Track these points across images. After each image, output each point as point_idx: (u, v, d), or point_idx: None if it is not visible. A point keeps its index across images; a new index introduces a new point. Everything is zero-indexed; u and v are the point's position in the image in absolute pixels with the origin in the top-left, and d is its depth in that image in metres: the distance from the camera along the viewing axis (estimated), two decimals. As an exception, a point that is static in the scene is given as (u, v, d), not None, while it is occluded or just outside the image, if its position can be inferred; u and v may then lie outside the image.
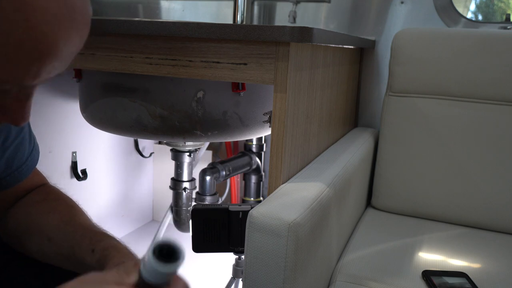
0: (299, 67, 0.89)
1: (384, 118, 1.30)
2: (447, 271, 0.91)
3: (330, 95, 1.16)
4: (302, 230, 0.72)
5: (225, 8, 1.71)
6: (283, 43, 0.83)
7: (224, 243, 0.88)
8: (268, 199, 0.79)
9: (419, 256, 1.00)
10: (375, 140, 1.37)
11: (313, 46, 0.95)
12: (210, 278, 1.67)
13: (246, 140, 1.54)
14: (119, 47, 0.96)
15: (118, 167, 1.77)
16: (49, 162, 1.44)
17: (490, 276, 0.93)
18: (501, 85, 1.18)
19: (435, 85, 1.23)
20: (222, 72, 0.89)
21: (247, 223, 0.74)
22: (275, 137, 0.86)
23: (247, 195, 1.62)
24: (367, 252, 1.00)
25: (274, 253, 0.72)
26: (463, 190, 1.20)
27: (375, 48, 1.50)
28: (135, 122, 1.11)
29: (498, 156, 1.17)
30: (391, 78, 1.30)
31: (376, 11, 1.50)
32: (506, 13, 1.53)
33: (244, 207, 0.86)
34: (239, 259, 1.24)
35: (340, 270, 0.93)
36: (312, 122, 1.03)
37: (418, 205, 1.24)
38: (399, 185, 1.26)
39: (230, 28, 0.85)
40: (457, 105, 1.21)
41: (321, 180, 0.89)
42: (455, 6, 1.44)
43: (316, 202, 0.80)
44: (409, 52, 1.26)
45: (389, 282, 0.88)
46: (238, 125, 1.13)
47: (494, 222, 1.17)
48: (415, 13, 1.45)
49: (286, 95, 0.84)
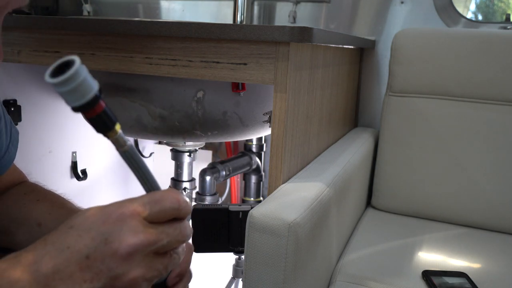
0: (299, 67, 0.89)
1: (384, 118, 1.30)
2: (447, 271, 0.91)
3: (330, 95, 1.16)
4: (302, 230, 0.72)
5: (225, 8, 1.71)
6: (283, 43, 0.83)
7: (224, 243, 0.88)
8: (268, 199, 0.79)
9: (419, 256, 1.00)
10: (375, 140, 1.37)
11: (313, 46, 0.95)
12: (210, 278, 1.67)
13: (246, 140, 1.54)
14: (119, 47, 0.96)
15: (118, 167, 1.77)
16: (49, 162, 1.44)
17: (490, 276, 0.93)
18: (501, 85, 1.18)
19: (435, 85, 1.23)
20: (222, 72, 0.89)
21: (247, 223, 0.74)
22: (275, 137, 0.86)
23: (247, 195, 1.62)
24: (367, 252, 1.00)
25: (274, 253, 0.72)
26: (463, 190, 1.20)
27: (375, 48, 1.50)
28: (135, 122, 1.11)
29: (498, 156, 1.17)
30: (391, 78, 1.30)
31: (376, 11, 1.50)
32: (506, 13, 1.53)
33: (244, 207, 0.85)
34: (239, 259, 1.24)
35: (340, 270, 0.93)
36: (312, 122, 1.03)
37: (418, 205, 1.24)
38: (399, 185, 1.26)
39: (230, 28, 0.84)
40: (457, 105, 1.21)
41: (321, 180, 0.89)
42: (455, 6, 1.44)
43: (316, 202, 0.80)
44: (409, 52, 1.26)
45: (389, 282, 0.88)
46: (238, 125, 1.13)
47: (494, 222, 1.17)
48: (415, 13, 1.45)
49: (286, 95, 0.84)
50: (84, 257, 0.37)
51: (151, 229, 0.39)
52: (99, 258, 0.37)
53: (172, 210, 0.41)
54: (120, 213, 0.38)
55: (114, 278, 0.37)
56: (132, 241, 0.37)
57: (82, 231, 0.38)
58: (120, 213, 0.38)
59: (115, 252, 0.37)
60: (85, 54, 0.99)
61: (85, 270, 0.36)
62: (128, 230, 0.37)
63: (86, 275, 0.36)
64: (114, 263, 0.37)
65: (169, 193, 0.41)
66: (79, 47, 0.99)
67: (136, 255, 0.38)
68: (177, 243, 0.41)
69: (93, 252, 0.37)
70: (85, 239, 0.37)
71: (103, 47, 0.98)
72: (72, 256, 0.37)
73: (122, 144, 0.41)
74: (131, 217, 0.38)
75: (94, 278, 0.37)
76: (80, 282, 0.36)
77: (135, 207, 0.39)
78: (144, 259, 0.38)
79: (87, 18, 1.65)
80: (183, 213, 0.42)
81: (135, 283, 0.38)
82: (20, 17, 1.04)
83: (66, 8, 1.91)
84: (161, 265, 0.40)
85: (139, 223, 0.38)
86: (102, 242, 0.37)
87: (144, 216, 0.39)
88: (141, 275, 0.38)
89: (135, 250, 0.37)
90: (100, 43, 0.98)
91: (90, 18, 1.52)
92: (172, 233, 0.40)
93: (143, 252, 0.38)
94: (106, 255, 0.37)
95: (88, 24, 0.97)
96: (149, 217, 0.39)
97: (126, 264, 0.37)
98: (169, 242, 0.40)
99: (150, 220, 0.39)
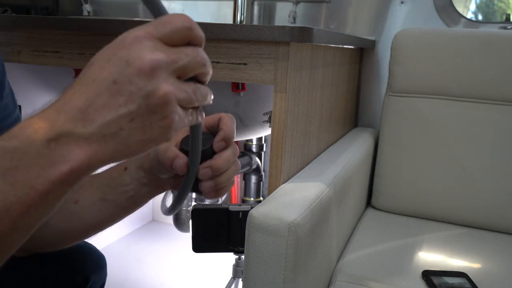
0: (299, 67, 0.89)
1: (384, 118, 1.30)
2: (447, 271, 0.91)
3: (330, 95, 1.16)
4: (302, 230, 0.72)
5: (225, 8, 1.71)
6: (283, 43, 0.83)
7: (224, 243, 0.88)
8: (268, 199, 0.79)
9: (419, 256, 1.00)
10: (375, 140, 1.37)
11: (313, 46, 0.95)
12: (210, 278, 1.67)
13: (246, 140, 1.54)
14: (119, 47, 0.96)
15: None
16: (49, 162, 1.43)
17: (490, 276, 0.93)
18: (501, 85, 1.18)
19: (435, 85, 1.23)
20: (222, 72, 0.89)
21: (247, 223, 0.74)
22: (275, 137, 0.86)
23: (247, 195, 1.62)
24: (367, 252, 1.00)
25: (274, 253, 0.72)
26: (463, 190, 1.20)
27: (375, 48, 1.50)
28: (135, 122, 1.11)
29: (498, 156, 1.17)
30: (391, 78, 1.30)
31: (376, 11, 1.50)
32: (506, 13, 1.53)
33: (244, 207, 0.85)
34: (239, 259, 1.24)
35: (340, 270, 0.93)
36: (312, 122, 1.03)
37: (418, 205, 1.24)
38: (399, 185, 1.26)
39: (230, 28, 0.85)
40: (457, 105, 1.21)
41: (321, 180, 0.89)
42: (455, 6, 1.44)
43: (316, 202, 0.80)
44: (409, 52, 1.26)
45: (389, 282, 0.88)
46: (238, 125, 1.13)
47: (494, 222, 1.17)
48: (415, 13, 1.45)
49: (286, 95, 0.84)
50: (111, 83, 0.36)
51: (169, 48, 0.38)
52: (126, 80, 0.36)
53: (185, 29, 0.39)
54: (134, 36, 0.38)
55: (146, 97, 0.36)
56: (152, 56, 0.37)
57: (103, 62, 0.38)
58: (134, 35, 0.38)
59: (139, 70, 0.36)
60: (85, 54, 0.99)
61: (116, 95, 0.36)
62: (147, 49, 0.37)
63: (119, 99, 0.36)
64: (141, 82, 0.36)
65: (179, 15, 0.40)
66: (79, 47, 0.99)
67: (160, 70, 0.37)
68: (198, 66, 0.40)
69: (119, 76, 0.36)
70: (108, 68, 0.37)
71: (103, 47, 0.98)
72: (100, 86, 0.36)
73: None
74: (145, 38, 0.37)
75: (127, 100, 0.36)
76: (116, 107, 0.36)
77: (148, 29, 0.38)
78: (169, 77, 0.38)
79: (87, 18, 1.65)
80: (196, 34, 0.40)
81: (168, 99, 0.37)
82: (20, 17, 1.04)
83: (66, 8, 1.91)
84: (189, 88, 0.39)
85: (155, 43, 0.38)
86: (124, 65, 0.36)
87: (158, 37, 0.38)
88: (171, 91, 0.37)
89: (158, 65, 0.37)
90: (100, 43, 0.98)
91: (90, 18, 1.52)
92: (191, 53, 0.39)
93: (167, 70, 0.37)
94: (132, 76, 0.36)
95: (88, 24, 0.97)
96: (163, 37, 0.38)
97: (153, 80, 0.36)
98: (190, 62, 0.39)
99: (165, 42, 0.38)
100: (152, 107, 0.37)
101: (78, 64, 1.01)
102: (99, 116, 0.36)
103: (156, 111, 0.37)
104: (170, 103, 0.37)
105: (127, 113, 0.36)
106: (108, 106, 0.36)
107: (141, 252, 1.86)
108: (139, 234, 2.00)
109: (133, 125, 0.37)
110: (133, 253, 1.85)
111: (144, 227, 2.06)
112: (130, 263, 1.77)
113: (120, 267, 1.73)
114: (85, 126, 0.36)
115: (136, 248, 1.89)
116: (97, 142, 0.36)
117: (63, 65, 1.02)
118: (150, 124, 0.37)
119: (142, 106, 0.37)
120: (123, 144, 0.37)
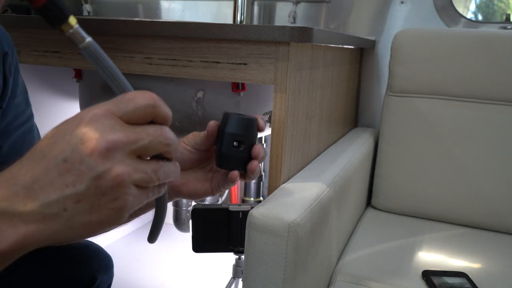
0: (299, 67, 0.89)
1: (384, 118, 1.30)
2: (447, 271, 0.91)
3: (330, 95, 1.16)
4: (302, 230, 0.72)
5: (225, 8, 1.71)
6: (283, 43, 0.83)
7: (224, 243, 0.88)
8: (268, 199, 0.79)
9: (419, 256, 1.00)
10: (375, 140, 1.37)
11: (313, 46, 0.95)
12: (210, 278, 1.67)
13: (246, 140, 1.54)
14: (119, 47, 0.96)
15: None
16: (49, 162, 1.43)
17: (490, 276, 0.93)
18: (501, 85, 1.18)
19: (435, 85, 1.23)
20: (222, 72, 0.89)
21: (247, 223, 0.74)
22: (275, 137, 0.86)
23: (247, 195, 1.62)
24: (367, 252, 1.00)
25: (274, 253, 0.72)
26: (463, 190, 1.20)
27: (375, 48, 1.50)
28: (135, 122, 1.11)
29: (498, 156, 1.17)
30: (391, 78, 1.30)
31: (376, 11, 1.50)
32: (506, 13, 1.53)
33: (244, 207, 0.85)
34: (239, 259, 1.24)
35: (340, 270, 0.93)
36: (312, 122, 1.03)
37: (418, 205, 1.24)
38: (399, 185, 1.26)
39: (230, 28, 0.84)
40: (457, 105, 1.21)
41: (321, 180, 0.89)
42: (455, 6, 1.44)
43: (316, 202, 0.80)
44: (409, 52, 1.26)
45: (389, 282, 0.88)
46: (238, 125, 1.13)
47: (494, 222, 1.17)
48: (415, 13, 1.45)
49: (286, 95, 0.84)
50: (61, 161, 0.35)
51: (129, 128, 0.37)
52: (77, 159, 0.35)
53: (148, 107, 0.38)
54: (92, 114, 0.36)
55: (97, 178, 0.35)
56: (110, 137, 0.35)
57: (57, 138, 0.36)
58: (93, 114, 0.36)
59: (93, 150, 0.35)
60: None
61: (65, 174, 0.35)
62: (104, 128, 0.35)
63: (67, 179, 0.35)
64: (93, 161, 0.35)
65: (142, 92, 0.38)
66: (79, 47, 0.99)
67: (116, 151, 0.35)
68: (161, 146, 0.38)
69: (70, 154, 0.35)
70: (61, 144, 0.36)
71: (103, 47, 0.97)
72: (49, 163, 0.35)
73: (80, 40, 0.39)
74: (105, 116, 0.36)
75: (76, 180, 0.35)
76: (62, 187, 0.35)
77: (108, 107, 0.37)
78: (126, 157, 0.36)
79: (87, 18, 1.65)
80: (161, 111, 0.39)
81: (121, 181, 0.35)
82: (20, 17, 1.04)
83: (66, 8, 1.90)
84: (148, 167, 0.38)
85: (115, 122, 0.36)
86: (78, 143, 0.35)
87: (119, 115, 0.37)
88: (126, 173, 0.35)
89: (114, 146, 0.35)
90: (100, 43, 0.97)
91: (90, 18, 1.52)
92: (153, 133, 0.38)
93: (124, 150, 0.36)
94: (84, 155, 0.35)
95: (88, 24, 0.97)
96: (124, 116, 0.37)
97: (106, 161, 0.35)
98: (151, 142, 0.37)
99: (126, 120, 0.37)
100: (102, 189, 0.35)
101: (78, 64, 1.01)
102: (42, 195, 0.35)
103: (107, 192, 0.35)
104: (123, 185, 0.36)
105: (73, 193, 0.35)
106: (54, 184, 0.35)
107: (141, 252, 1.86)
108: (139, 234, 2.00)
109: (79, 207, 0.35)
110: (133, 252, 1.85)
111: (144, 227, 2.06)
112: (130, 262, 1.77)
113: (120, 267, 1.73)
114: (26, 204, 0.34)
115: (136, 248, 1.89)
116: (36, 222, 0.34)
117: (63, 65, 1.02)
118: (99, 206, 0.36)
119: (91, 188, 0.35)
120: (66, 225, 0.35)
